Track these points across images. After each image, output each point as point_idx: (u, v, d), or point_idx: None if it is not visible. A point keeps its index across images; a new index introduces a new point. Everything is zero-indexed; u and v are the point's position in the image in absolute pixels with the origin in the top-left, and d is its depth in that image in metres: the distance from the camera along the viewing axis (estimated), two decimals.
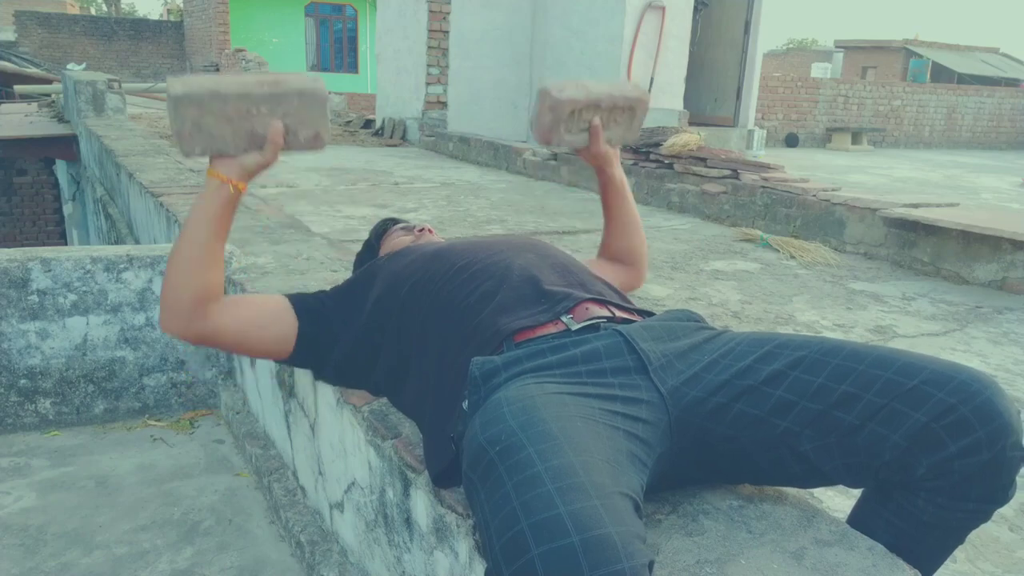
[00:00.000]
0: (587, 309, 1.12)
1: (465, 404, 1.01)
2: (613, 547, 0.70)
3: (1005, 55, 24.14)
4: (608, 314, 1.13)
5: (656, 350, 1.03)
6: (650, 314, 1.19)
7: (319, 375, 1.35)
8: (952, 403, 0.88)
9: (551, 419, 0.85)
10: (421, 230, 1.55)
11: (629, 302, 1.22)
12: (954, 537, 0.98)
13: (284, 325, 1.26)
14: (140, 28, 22.42)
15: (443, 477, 1.04)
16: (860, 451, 0.92)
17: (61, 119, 9.00)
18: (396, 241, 1.54)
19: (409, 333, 1.20)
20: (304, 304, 1.29)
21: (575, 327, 1.08)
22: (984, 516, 0.94)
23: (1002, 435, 0.87)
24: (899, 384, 0.91)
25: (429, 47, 8.80)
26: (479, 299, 1.14)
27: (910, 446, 0.89)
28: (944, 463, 0.88)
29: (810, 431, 0.94)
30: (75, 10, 29.08)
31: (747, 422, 0.96)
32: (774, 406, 0.96)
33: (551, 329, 1.08)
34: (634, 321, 1.13)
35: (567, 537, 0.70)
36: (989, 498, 0.91)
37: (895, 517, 0.97)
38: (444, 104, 8.90)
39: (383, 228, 1.61)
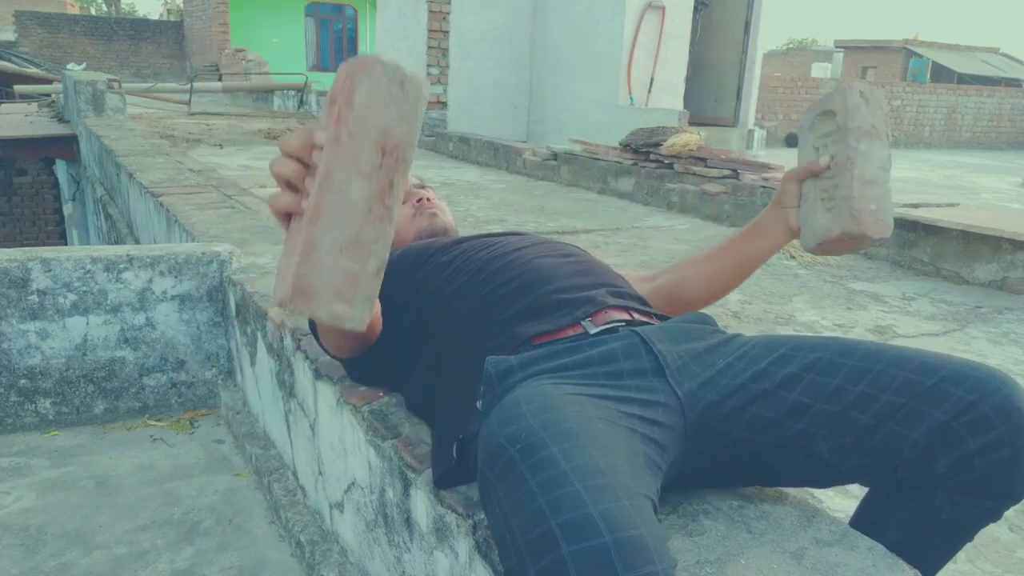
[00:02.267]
0: (607, 314, 1.11)
1: (479, 404, 1.00)
2: (646, 548, 0.69)
3: (1005, 55, 24.14)
4: (628, 318, 1.12)
5: (673, 352, 1.02)
6: (666, 318, 1.18)
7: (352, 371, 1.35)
8: (972, 400, 0.88)
9: (571, 419, 0.84)
10: (420, 200, 1.50)
11: (648, 305, 1.21)
12: (965, 535, 0.98)
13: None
14: (140, 28, 22.42)
15: (445, 479, 1.03)
16: (877, 451, 0.92)
17: (61, 119, 9.00)
18: (399, 215, 1.52)
19: (424, 331, 1.19)
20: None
21: (593, 331, 1.07)
22: (998, 514, 0.94)
23: (1022, 432, 0.87)
24: (917, 383, 0.91)
25: (429, 47, 8.80)
26: (498, 301, 1.13)
27: (929, 444, 0.89)
28: (964, 460, 0.88)
29: (826, 431, 0.93)
30: (75, 10, 29.08)
31: (762, 425, 0.96)
32: (789, 409, 0.95)
33: (569, 332, 1.07)
34: (651, 323, 1.13)
35: (599, 537, 0.69)
36: (1008, 495, 0.92)
37: (912, 517, 0.97)
38: (444, 104, 8.90)
39: None
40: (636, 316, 1.13)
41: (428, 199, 1.52)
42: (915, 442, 0.89)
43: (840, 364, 0.96)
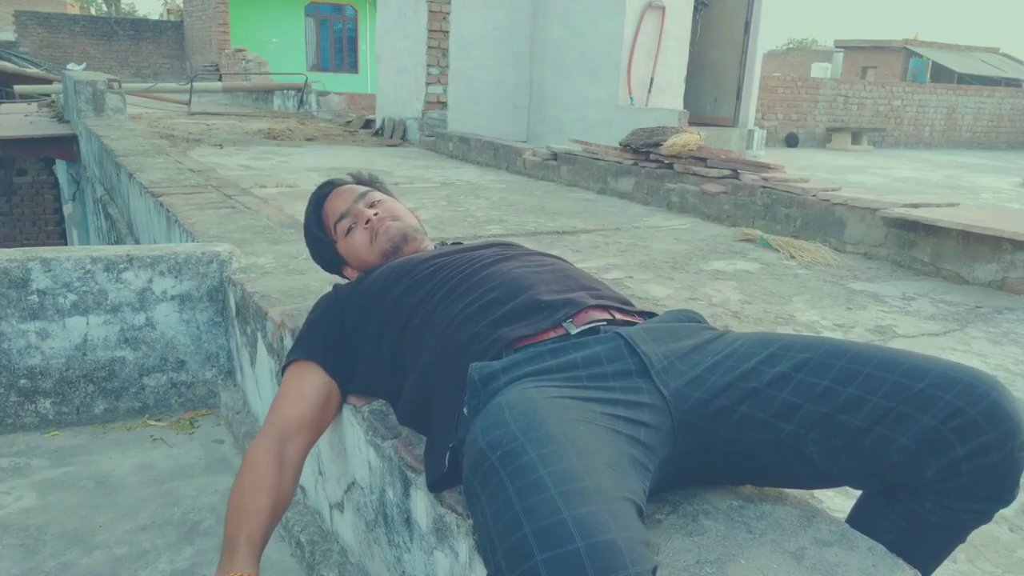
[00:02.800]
0: (587, 314, 1.12)
1: (465, 409, 1.00)
2: (618, 553, 0.69)
3: (1005, 55, 24.14)
4: (608, 317, 1.13)
5: (658, 352, 1.02)
6: (652, 315, 1.19)
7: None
8: (960, 406, 0.88)
9: (553, 423, 0.84)
10: (368, 221, 1.47)
11: (630, 304, 1.21)
12: (956, 537, 0.99)
13: (331, 393, 1.32)
14: (140, 28, 22.43)
15: (438, 484, 1.04)
16: (867, 454, 0.92)
17: (61, 119, 9.00)
18: (355, 243, 1.48)
19: (410, 345, 1.21)
20: (332, 363, 1.31)
21: (574, 331, 1.07)
22: (988, 516, 0.95)
23: (1011, 437, 0.88)
24: (906, 387, 0.91)
25: (429, 47, 8.79)
26: (479, 310, 1.14)
27: (918, 448, 0.89)
28: (953, 465, 0.88)
29: (816, 434, 0.94)
30: (75, 10, 29.07)
31: (752, 424, 0.96)
32: (779, 409, 0.95)
33: (551, 334, 1.08)
34: (635, 323, 1.13)
35: (572, 543, 0.69)
36: (996, 498, 0.92)
37: (900, 519, 0.97)
38: (444, 104, 8.90)
39: (320, 208, 1.54)
40: (617, 315, 1.14)
41: (376, 214, 1.48)
42: (904, 446, 0.89)
43: (830, 365, 0.96)
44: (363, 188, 1.55)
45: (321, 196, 1.55)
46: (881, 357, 0.96)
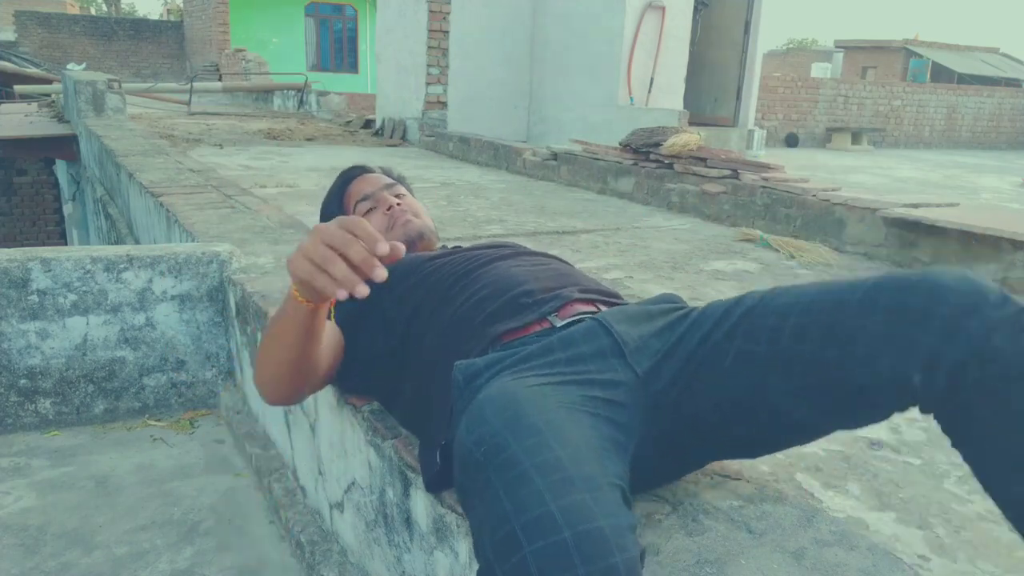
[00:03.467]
0: (573, 307, 1.13)
1: (452, 409, 1.01)
2: (605, 540, 0.70)
3: (1005, 55, 24.14)
4: (594, 310, 1.14)
5: (631, 332, 1.04)
6: None
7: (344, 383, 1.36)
8: (901, 298, 0.83)
9: (534, 412, 0.85)
10: (390, 208, 1.48)
11: (619, 297, 1.22)
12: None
13: (339, 341, 1.27)
14: (140, 28, 22.43)
15: (434, 483, 1.04)
16: (835, 381, 0.87)
17: (61, 119, 9.00)
18: (372, 225, 1.49)
19: (410, 344, 1.21)
20: (343, 319, 1.28)
21: (559, 324, 1.08)
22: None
23: (977, 300, 0.80)
24: (844, 301, 0.87)
25: (429, 47, 8.79)
26: (472, 307, 1.15)
27: (881, 353, 0.83)
28: (933, 359, 0.80)
29: (775, 377, 0.90)
30: (75, 10, 29.06)
31: (712, 383, 0.95)
32: (734, 361, 0.94)
33: (536, 328, 1.09)
34: None
35: (558, 533, 0.70)
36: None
37: (978, 409, 0.81)
38: (444, 104, 8.90)
39: (344, 188, 1.55)
40: (603, 308, 1.15)
41: (399, 204, 1.49)
42: (865, 356, 0.83)
43: (774, 305, 0.94)
44: (390, 180, 1.59)
45: (349, 177, 1.59)
46: (820, 286, 0.94)
